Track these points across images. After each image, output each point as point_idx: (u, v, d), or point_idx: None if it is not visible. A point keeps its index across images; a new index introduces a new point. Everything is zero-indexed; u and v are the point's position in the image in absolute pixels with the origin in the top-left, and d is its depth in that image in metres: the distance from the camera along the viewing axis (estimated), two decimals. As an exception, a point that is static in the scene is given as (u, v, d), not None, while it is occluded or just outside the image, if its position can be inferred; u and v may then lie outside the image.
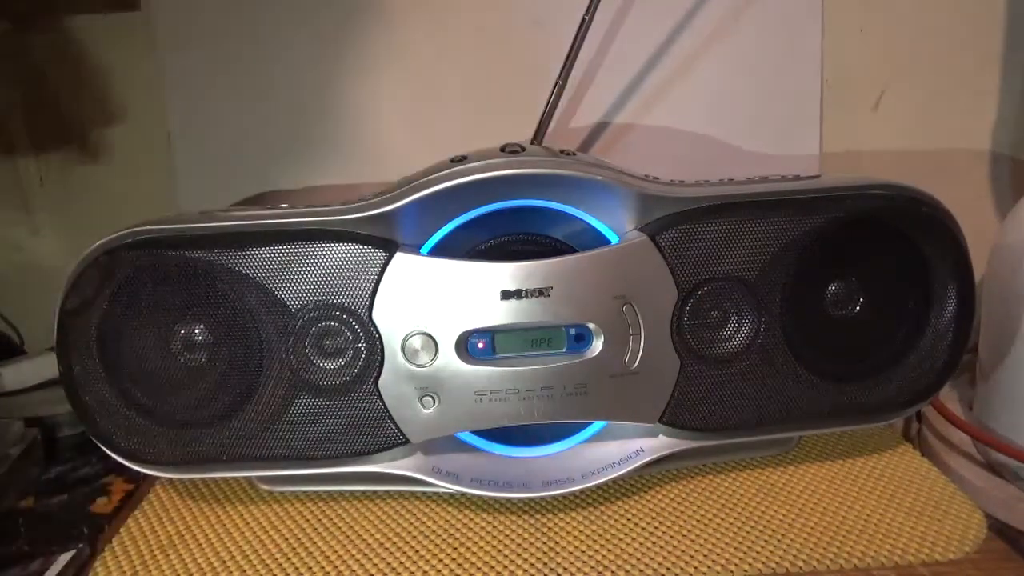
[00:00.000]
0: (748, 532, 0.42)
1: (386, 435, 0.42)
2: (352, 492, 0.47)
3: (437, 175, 0.40)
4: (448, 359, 0.41)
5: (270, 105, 0.63)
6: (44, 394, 0.61)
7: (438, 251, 0.42)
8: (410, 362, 0.41)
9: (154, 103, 0.64)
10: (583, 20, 0.51)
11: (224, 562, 0.42)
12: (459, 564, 0.41)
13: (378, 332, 0.41)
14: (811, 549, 0.41)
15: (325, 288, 0.40)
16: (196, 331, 0.42)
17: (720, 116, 0.65)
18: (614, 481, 0.44)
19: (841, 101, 0.66)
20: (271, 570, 0.41)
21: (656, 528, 0.43)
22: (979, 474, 0.49)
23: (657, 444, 0.44)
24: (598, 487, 0.44)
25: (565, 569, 0.40)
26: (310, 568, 0.41)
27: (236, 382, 0.42)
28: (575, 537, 0.43)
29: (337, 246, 0.40)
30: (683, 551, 0.41)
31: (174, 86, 0.64)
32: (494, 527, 0.44)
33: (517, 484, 0.44)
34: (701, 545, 0.41)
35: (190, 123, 0.64)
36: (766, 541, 0.42)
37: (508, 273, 0.41)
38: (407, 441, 0.42)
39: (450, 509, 0.46)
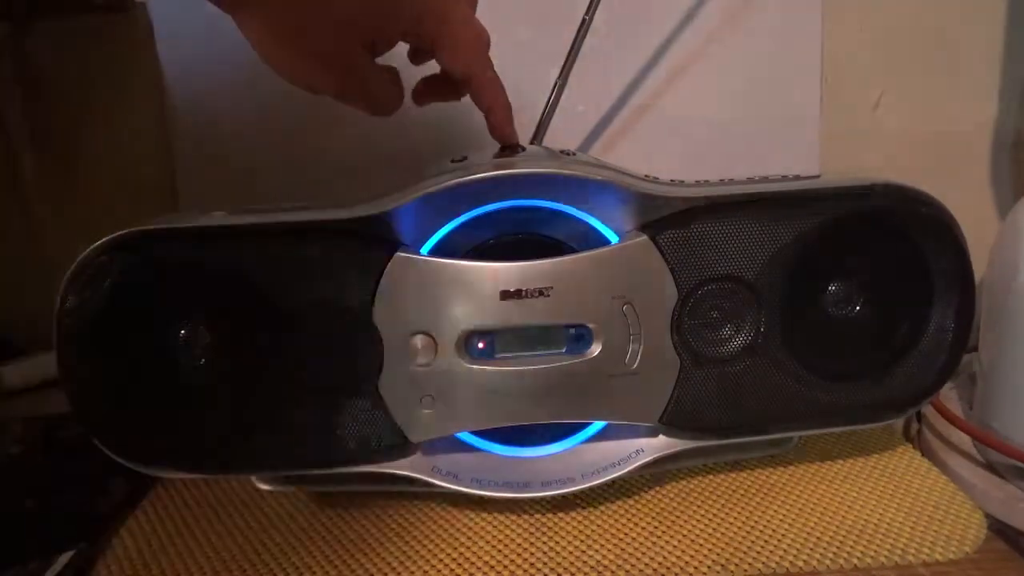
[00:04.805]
0: (748, 532, 0.42)
1: (386, 435, 0.42)
2: (352, 492, 0.47)
3: (437, 175, 0.40)
4: (448, 359, 0.41)
5: (271, 105, 0.63)
6: (44, 394, 0.61)
7: (438, 251, 0.42)
8: (410, 362, 0.41)
9: (154, 102, 0.64)
10: (583, 20, 0.51)
11: (224, 562, 0.42)
12: (459, 564, 0.41)
13: (378, 332, 0.41)
14: (811, 549, 0.41)
15: (324, 288, 0.40)
16: (195, 331, 0.42)
17: (720, 115, 0.65)
18: (614, 481, 0.44)
19: (841, 99, 0.66)
20: (271, 570, 0.41)
21: (656, 528, 0.43)
22: (979, 474, 0.49)
23: (657, 444, 0.44)
24: (598, 487, 0.44)
25: (565, 569, 0.40)
26: (310, 568, 0.41)
27: (235, 382, 0.41)
28: (575, 537, 0.43)
29: (337, 246, 0.40)
30: (683, 551, 0.41)
31: (174, 85, 0.64)
32: (494, 527, 0.44)
33: (517, 484, 0.44)
34: (701, 545, 0.41)
35: (190, 123, 0.64)
36: (766, 541, 0.42)
37: (508, 273, 0.40)
38: (407, 441, 0.42)
39: (450, 509, 0.46)
